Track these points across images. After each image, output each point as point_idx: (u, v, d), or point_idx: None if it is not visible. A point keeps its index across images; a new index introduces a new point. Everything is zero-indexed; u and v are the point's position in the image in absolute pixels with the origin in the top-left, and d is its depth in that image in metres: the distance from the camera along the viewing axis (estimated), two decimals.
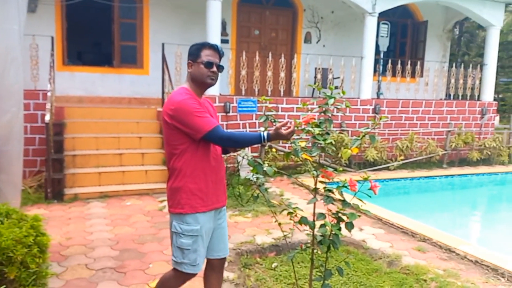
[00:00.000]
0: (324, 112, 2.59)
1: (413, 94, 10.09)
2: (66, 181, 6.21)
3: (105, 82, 9.02)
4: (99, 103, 8.67)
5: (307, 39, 10.74)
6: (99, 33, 11.44)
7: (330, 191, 2.53)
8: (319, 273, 2.70)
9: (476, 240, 5.81)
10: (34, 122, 6.78)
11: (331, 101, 2.57)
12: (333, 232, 2.50)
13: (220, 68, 2.56)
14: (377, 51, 9.70)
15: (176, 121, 2.41)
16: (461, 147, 9.65)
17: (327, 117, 2.58)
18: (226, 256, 2.81)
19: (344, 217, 2.49)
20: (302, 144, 2.58)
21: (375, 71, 9.80)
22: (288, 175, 4.33)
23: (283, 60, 8.77)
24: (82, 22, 11.02)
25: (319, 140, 2.50)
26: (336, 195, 2.51)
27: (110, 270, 3.79)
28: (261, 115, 2.71)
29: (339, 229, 2.50)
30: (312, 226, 2.62)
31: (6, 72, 4.39)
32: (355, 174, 7.89)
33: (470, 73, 10.51)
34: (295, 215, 2.66)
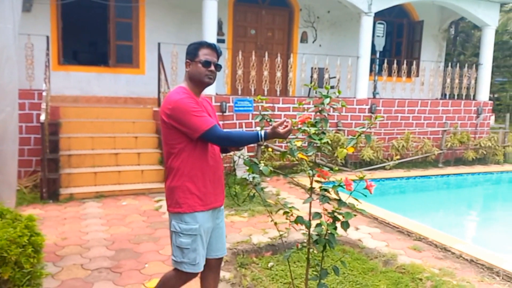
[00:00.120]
0: (320, 112, 2.60)
1: (409, 94, 10.12)
2: (62, 181, 6.18)
3: (101, 82, 8.99)
4: (95, 103, 8.64)
5: (303, 39, 10.74)
6: (95, 33, 11.42)
7: (326, 191, 2.53)
8: (315, 272, 2.70)
9: (472, 239, 5.83)
10: (30, 122, 6.75)
11: (327, 101, 2.57)
12: (329, 232, 2.50)
13: (218, 67, 2.56)
14: (373, 51, 9.72)
15: (174, 121, 2.41)
16: (457, 147, 9.69)
17: (323, 117, 2.59)
18: (223, 256, 2.81)
19: (340, 217, 2.50)
20: (298, 144, 2.58)
21: (371, 71, 9.83)
22: (284, 175, 4.35)
23: (280, 60, 8.77)
24: (78, 22, 11.01)
25: (315, 140, 2.50)
26: (332, 195, 2.51)
27: (106, 270, 3.78)
28: (257, 115, 2.71)
29: (335, 229, 2.50)
30: (308, 226, 2.63)
31: (0, 72, 4.36)
32: (351, 174, 7.91)
33: (466, 73, 10.56)
34: (291, 215, 2.67)
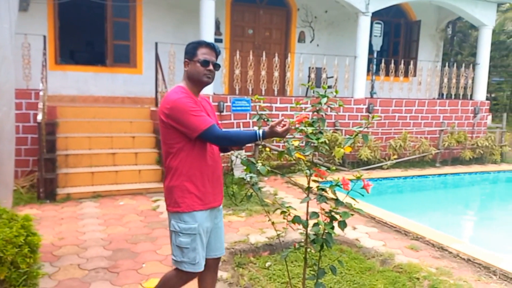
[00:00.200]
0: (318, 111, 2.60)
1: (406, 94, 10.13)
2: (59, 181, 6.17)
3: (98, 81, 8.97)
4: (92, 103, 8.62)
5: (301, 39, 10.75)
6: (92, 32, 11.39)
7: (323, 190, 2.53)
8: (313, 272, 2.70)
9: (469, 239, 5.85)
10: (26, 122, 6.73)
11: (324, 100, 2.57)
12: (326, 231, 2.50)
13: (217, 67, 2.55)
14: (371, 51, 9.74)
15: (172, 120, 2.41)
16: (454, 146, 9.71)
17: (320, 116, 2.59)
18: (221, 256, 2.81)
19: (337, 216, 2.50)
20: (296, 143, 2.58)
21: (369, 71, 9.83)
22: (282, 174, 4.34)
23: (277, 60, 8.77)
24: (75, 21, 10.97)
25: (312, 139, 2.50)
26: (329, 194, 2.51)
27: (103, 270, 3.77)
28: (255, 114, 2.70)
29: (332, 228, 2.50)
30: (306, 225, 2.63)
31: None
32: (349, 173, 7.91)
33: (463, 73, 10.57)
34: (289, 214, 2.66)
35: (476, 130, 10.33)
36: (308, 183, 2.65)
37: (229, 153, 6.82)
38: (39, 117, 6.00)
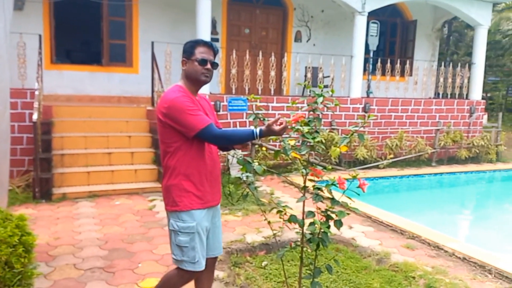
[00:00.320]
0: (314, 111, 2.60)
1: (403, 93, 10.15)
2: (55, 181, 6.14)
3: (94, 81, 8.94)
4: (88, 102, 8.59)
5: (297, 38, 10.75)
6: (88, 31, 11.36)
7: (319, 189, 2.54)
8: (309, 271, 2.71)
9: (464, 238, 5.87)
10: (22, 121, 6.70)
11: (320, 100, 2.57)
12: (322, 230, 2.50)
13: (215, 65, 2.55)
14: (367, 50, 9.74)
15: (169, 119, 2.41)
16: (450, 146, 9.74)
17: (316, 116, 2.59)
18: (218, 255, 2.81)
19: (333, 215, 2.50)
20: (292, 143, 2.58)
21: (365, 70, 9.85)
22: (278, 174, 4.34)
23: (274, 59, 8.77)
24: (71, 20, 10.93)
25: (308, 138, 2.50)
26: (325, 193, 2.51)
27: (99, 270, 3.76)
28: (251, 114, 2.70)
29: (328, 227, 2.50)
30: (302, 224, 2.63)
31: None
32: (345, 173, 7.91)
33: (459, 72, 10.61)
34: (285, 214, 2.67)
35: (472, 130, 10.37)
36: (304, 183, 2.65)
37: (226, 153, 6.82)
38: (35, 117, 5.98)
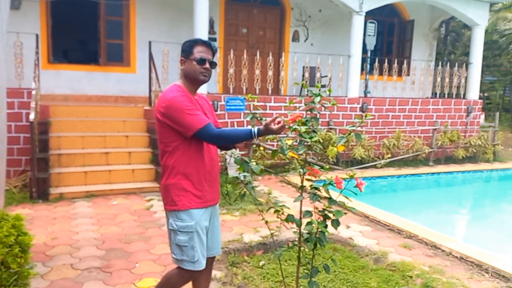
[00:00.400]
0: (311, 110, 2.60)
1: (400, 93, 10.17)
2: (52, 181, 6.13)
3: (91, 80, 8.92)
4: (85, 102, 8.57)
5: (295, 38, 10.76)
6: (85, 31, 11.31)
7: (317, 189, 2.54)
8: (306, 271, 2.70)
9: (461, 237, 5.88)
10: (19, 121, 6.68)
11: (318, 99, 2.58)
12: (320, 230, 2.50)
13: (213, 65, 2.55)
14: (364, 50, 9.76)
15: (168, 119, 2.41)
16: (447, 145, 9.76)
17: (314, 115, 2.59)
18: (216, 255, 2.80)
19: (331, 215, 2.50)
20: (289, 142, 2.58)
21: (362, 70, 9.86)
22: (275, 173, 4.34)
23: (271, 59, 8.77)
24: (68, 20, 10.89)
25: (306, 138, 2.50)
26: (323, 193, 2.51)
27: (96, 270, 3.75)
28: (248, 113, 2.70)
29: (326, 227, 2.50)
30: (299, 224, 2.63)
31: None
32: (342, 172, 7.93)
33: (456, 72, 10.63)
34: (282, 213, 2.66)
35: (469, 129, 10.39)
36: (302, 182, 2.65)
37: (223, 152, 6.81)
38: (32, 116, 5.96)
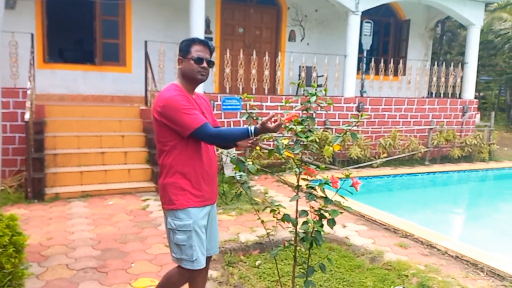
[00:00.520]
0: (307, 110, 2.60)
1: (396, 92, 10.19)
2: (47, 181, 6.10)
3: (87, 80, 8.89)
4: (81, 101, 8.55)
5: (291, 37, 10.76)
6: (81, 30, 11.29)
7: (313, 188, 2.54)
8: (302, 270, 2.70)
9: (457, 236, 5.90)
10: (14, 121, 6.65)
11: (313, 99, 2.58)
12: (315, 229, 2.51)
13: (211, 64, 2.55)
14: (360, 50, 9.76)
15: (165, 118, 2.41)
16: (443, 145, 9.79)
17: (310, 115, 2.59)
18: (213, 255, 2.80)
19: (326, 214, 2.50)
20: (285, 142, 2.58)
21: (359, 70, 9.88)
22: (272, 173, 4.34)
23: (268, 58, 8.77)
24: (63, 19, 10.86)
25: (302, 138, 2.50)
26: (319, 192, 2.51)
27: (92, 270, 3.74)
28: (244, 113, 2.70)
29: (322, 226, 2.51)
30: (295, 223, 2.63)
31: None
32: (339, 172, 7.94)
33: (452, 72, 10.67)
34: (278, 213, 2.67)
35: (465, 129, 10.43)
36: (298, 182, 2.65)
37: (219, 152, 6.80)
38: (27, 116, 5.93)
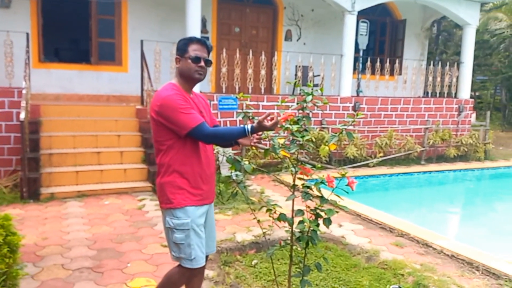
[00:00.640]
0: (303, 109, 2.60)
1: (392, 92, 10.22)
2: (43, 180, 6.08)
3: (83, 80, 8.86)
4: (77, 101, 8.51)
5: (288, 37, 10.76)
6: (76, 30, 11.25)
7: (309, 188, 2.54)
8: (298, 270, 2.70)
9: (453, 235, 5.92)
10: (9, 120, 6.61)
11: (309, 98, 2.58)
12: (311, 229, 2.51)
13: (208, 63, 2.55)
14: (357, 49, 9.79)
15: (162, 117, 2.41)
16: (439, 144, 9.83)
17: (306, 114, 2.59)
18: (210, 254, 2.80)
19: (322, 213, 2.50)
20: (281, 141, 2.58)
21: (355, 69, 9.89)
22: (268, 172, 4.33)
23: (264, 58, 8.77)
24: (59, 18, 10.83)
25: (298, 137, 2.50)
26: (315, 192, 2.52)
27: (87, 270, 3.73)
28: (240, 112, 2.70)
29: (317, 225, 2.51)
30: (291, 223, 2.63)
31: None
32: (335, 171, 7.93)
33: (448, 71, 10.70)
34: (274, 212, 2.66)
35: (461, 128, 10.47)
36: (294, 181, 2.65)
37: (216, 151, 6.79)
38: (22, 116, 5.90)
